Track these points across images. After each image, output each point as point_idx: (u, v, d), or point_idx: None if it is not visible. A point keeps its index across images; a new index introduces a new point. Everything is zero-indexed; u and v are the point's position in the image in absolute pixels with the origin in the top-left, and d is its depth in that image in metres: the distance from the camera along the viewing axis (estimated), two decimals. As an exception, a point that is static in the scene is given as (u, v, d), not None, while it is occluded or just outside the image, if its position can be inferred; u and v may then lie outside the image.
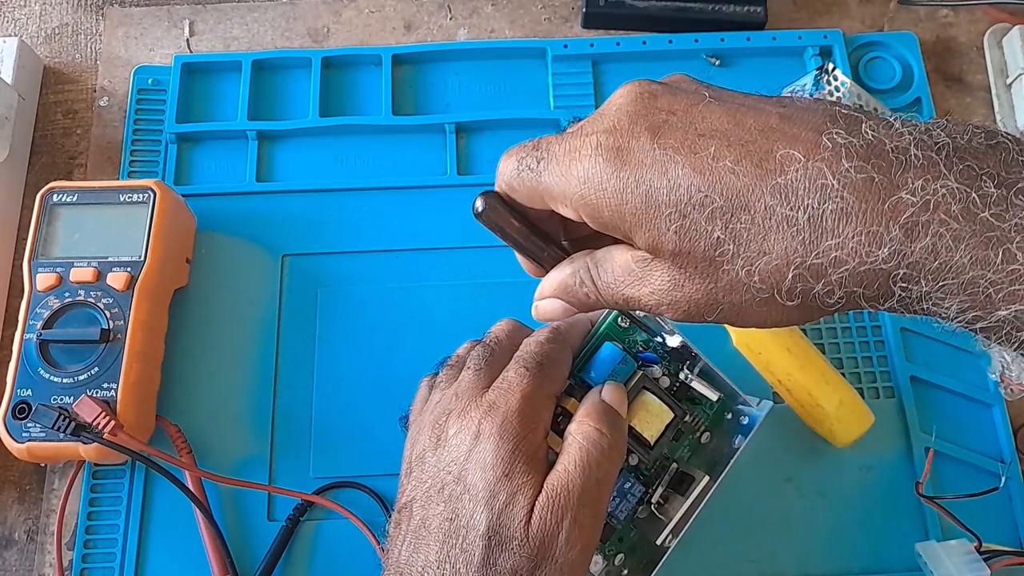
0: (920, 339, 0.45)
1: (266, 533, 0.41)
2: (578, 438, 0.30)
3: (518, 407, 0.30)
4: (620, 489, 0.34)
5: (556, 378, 0.32)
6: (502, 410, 0.30)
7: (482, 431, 0.30)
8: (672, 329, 0.36)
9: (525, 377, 0.31)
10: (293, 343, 0.45)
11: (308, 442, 0.43)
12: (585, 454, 0.29)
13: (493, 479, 0.29)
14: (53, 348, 0.40)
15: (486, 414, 0.30)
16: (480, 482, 0.29)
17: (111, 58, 0.53)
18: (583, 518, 0.28)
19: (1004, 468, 0.42)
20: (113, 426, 0.38)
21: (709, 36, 0.51)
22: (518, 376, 0.31)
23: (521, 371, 0.31)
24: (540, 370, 0.31)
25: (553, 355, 0.32)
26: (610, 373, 0.34)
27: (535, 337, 0.33)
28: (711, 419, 0.37)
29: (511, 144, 0.50)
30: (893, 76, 0.51)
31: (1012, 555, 0.39)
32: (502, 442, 0.29)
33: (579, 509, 0.28)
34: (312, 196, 0.48)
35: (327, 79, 0.51)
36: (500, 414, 0.30)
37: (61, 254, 0.42)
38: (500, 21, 0.54)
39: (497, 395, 0.31)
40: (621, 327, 0.36)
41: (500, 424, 0.30)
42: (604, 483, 0.30)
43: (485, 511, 0.28)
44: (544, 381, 0.31)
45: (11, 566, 0.42)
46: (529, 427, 0.30)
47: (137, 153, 0.49)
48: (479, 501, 0.28)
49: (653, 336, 0.37)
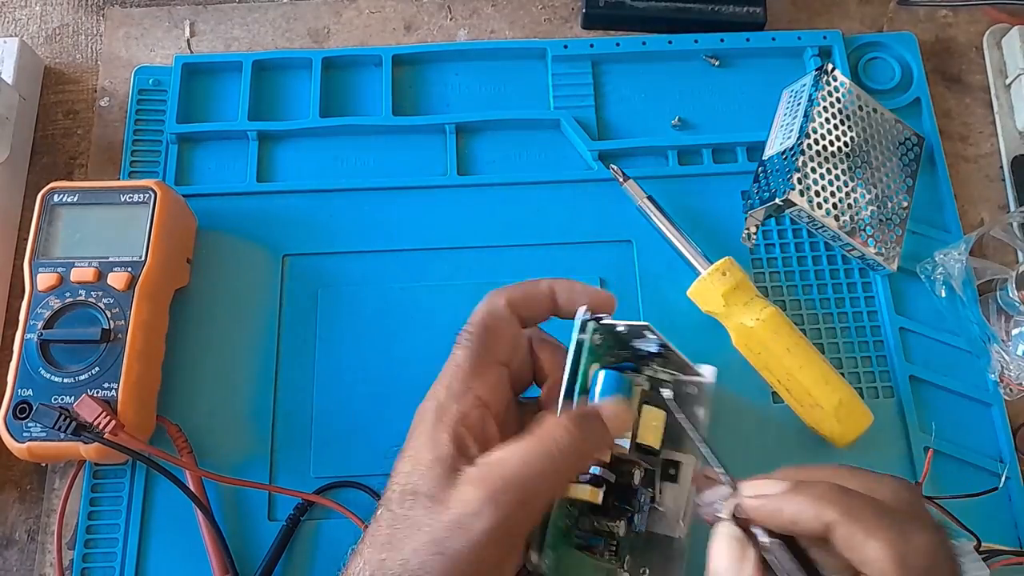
0: (919, 339, 0.45)
1: (266, 533, 0.41)
2: (541, 426, 0.31)
3: (447, 381, 0.32)
4: (640, 503, 0.34)
5: (492, 346, 0.33)
6: (438, 384, 0.33)
7: (426, 405, 0.32)
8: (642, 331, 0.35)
9: (458, 350, 0.33)
10: (293, 343, 0.45)
11: (308, 442, 0.43)
12: (535, 442, 0.30)
13: (420, 449, 0.31)
14: (54, 348, 0.40)
15: (433, 386, 0.33)
16: (406, 450, 0.31)
17: (112, 58, 0.53)
18: (504, 500, 0.28)
19: (1003, 468, 0.42)
20: (114, 426, 0.38)
21: (709, 37, 0.52)
22: (454, 350, 0.33)
23: (457, 346, 0.33)
24: (472, 341, 0.33)
25: (488, 322, 0.34)
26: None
27: (476, 309, 0.34)
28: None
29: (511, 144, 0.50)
30: (892, 77, 0.51)
31: (1011, 555, 0.39)
32: (430, 411, 0.32)
33: (503, 490, 0.28)
34: (313, 196, 0.48)
35: (327, 79, 0.51)
36: (436, 386, 0.33)
37: (62, 254, 0.42)
38: (500, 22, 0.54)
39: (444, 366, 0.33)
40: (596, 345, 0.35)
41: (433, 395, 0.32)
42: (544, 477, 0.30)
43: (404, 473, 0.30)
44: (478, 350, 0.33)
45: (12, 566, 0.42)
46: (454, 397, 0.32)
47: (138, 153, 0.49)
48: (403, 463, 0.31)
49: (625, 346, 0.36)
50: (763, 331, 0.42)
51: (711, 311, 0.44)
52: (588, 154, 0.49)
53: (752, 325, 0.42)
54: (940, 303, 0.46)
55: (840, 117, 0.46)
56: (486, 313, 0.34)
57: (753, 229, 0.46)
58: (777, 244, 0.48)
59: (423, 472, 0.30)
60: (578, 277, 0.46)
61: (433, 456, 0.30)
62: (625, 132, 0.50)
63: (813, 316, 0.46)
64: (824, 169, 0.44)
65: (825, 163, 0.45)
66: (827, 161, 0.45)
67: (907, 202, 0.47)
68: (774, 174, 0.45)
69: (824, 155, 0.45)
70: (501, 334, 0.34)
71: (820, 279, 0.47)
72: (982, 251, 0.48)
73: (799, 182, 0.43)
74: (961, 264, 0.44)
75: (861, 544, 0.26)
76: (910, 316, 0.46)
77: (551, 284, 0.35)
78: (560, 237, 0.47)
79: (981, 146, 0.51)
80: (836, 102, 0.46)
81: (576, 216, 0.48)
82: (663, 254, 0.46)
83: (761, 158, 0.48)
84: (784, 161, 0.45)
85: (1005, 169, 0.50)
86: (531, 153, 0.50)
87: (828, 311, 0.46)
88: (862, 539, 0.26)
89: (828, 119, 0.46)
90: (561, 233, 0.47)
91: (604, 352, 0.35)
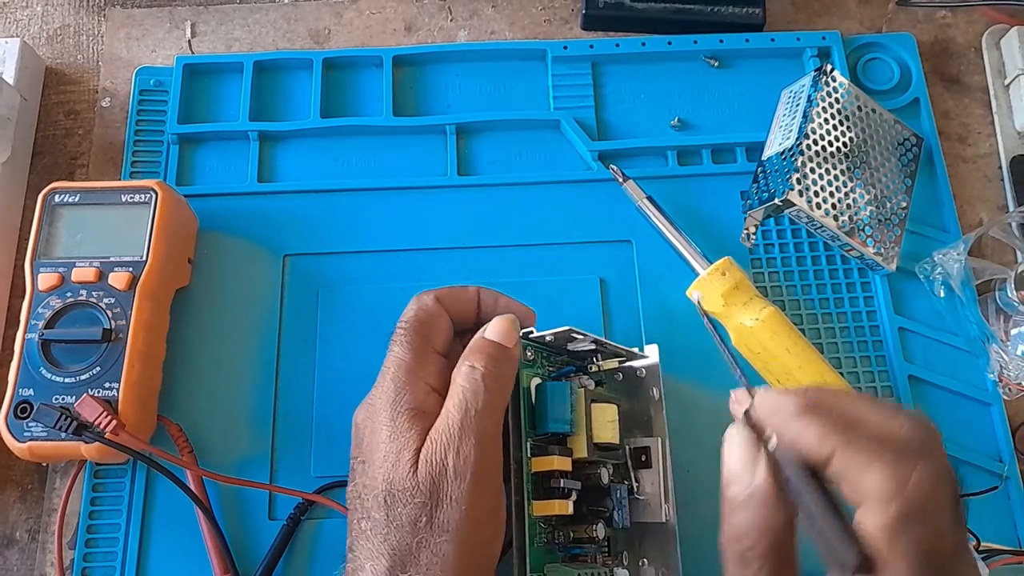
0: (918, 339, 0.45)
1: (267, 532, 0.41)
2: (456, 379, 0.32)
3: (391, 375, 0.33)
4: (616, 500, 0.34)
5: (429, 337, 0.35)
6: (383, 382, 0.33)
7: (374, 406, 0.33)
8: (569, 335, 0.36)
9: (395, 345, 0.34)
10: (294, 343, 0.45)
11: (309, 441, 0.43)
12: (459, 391, 0.32)
13: (383, 445, 0.31)
14: (55, 348, 0.40)
15: (373, 389, 0.34)
16: (373, 453, 0.32)
17: (113, 59, 0.53)
18: (465, 448, 0.30)
19: (1003, 468, 0.42)
20: (115, 425, 0.38)
21: (708, 38, 0.52)
22: (391, 348, 0.34)
23: (393, 344, 0.35)
24: (409, 334, 0.34)
25: (421, 316, 0.35)
26: (560, 405, 0.34)
27: (406, 309, 0.36)
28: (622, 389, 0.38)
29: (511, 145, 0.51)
30: (891, 77, 0.52)
31: (1011, 554, 0.39)
32: (383, 409, 0.32)
33: (460, 441, 0.30)
34: (313, 196, 0.48)
35: (328, 80, 0.51)
36: (380, 386, 0.33)
37: (63, 254, 0.42)
38: (500, 23, 0.54)
39: (381, 369, 0.34)
40: (530, 360, 0.36)
41: (381, 393, 0.33)
42: (485, 412, 0.31)
43: (380, 474, 0.31)
44: (417, 342, 0.34)
45: (12, 565, 0.42)
46: (404, 388, 0.32)
47: (139, 154, 0.49)
48: (375, 468, 0.31)
49: (561, 352, 0.37)
50: (762, 331, 0.42)
51: (711, 311, 0.44)
52: (588, 154, 0.49)
53: (751, 325, 0.42)
54: (939, 303, 0.46)
55: (839, 118, 0.46)
56: (418, 308, 0.35)
57: (752, 229, 0.46)
58: (776, 244, 0.48)
59: (395, 467, 0.31)
60: (578, 277, 0.46)
61: (399, 447, 0.31)
62: (625, 132, 0.50)
63: (812, 316, 0.46)
64: (823, 169, 0.45)
65: (824, 163, 0.45)
66: (826, 161, 0.45)
67: (906, 202, 0.47)
68: (773, 174, 0.45)
69: (823, 155, 0.45)
70: (435, 325, 0.35)
71: (819, 279, 0.47)
72: (981, 251, 0.48)
73: (798, 182, 0.44)
74: (960, 264, 0.44)
75: (858, 474, 0.25)
76: (909, 316, 0.46)
77: (477, 289, 0.37)
78: (560, 237, 0.47)
79: (980, 146, 0.51)
80: (835, 103, 0.46)
81: (576, 216, 0.48)
82: (663, 254, 0.46)
83: (760, 158, 0.48)
84: (783, 161, 0.45)
85: (1004, 169, 0.50)
86: (531, 153, 0.50)
87: (827, 311, 0.46)
88: (860, 470, 0.25)
89: (827, 120, 0.46)
90: (561, 233, 0.47)
91: (541, 364, 0.36)
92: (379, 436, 0.32)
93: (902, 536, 0.24)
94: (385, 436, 0.32)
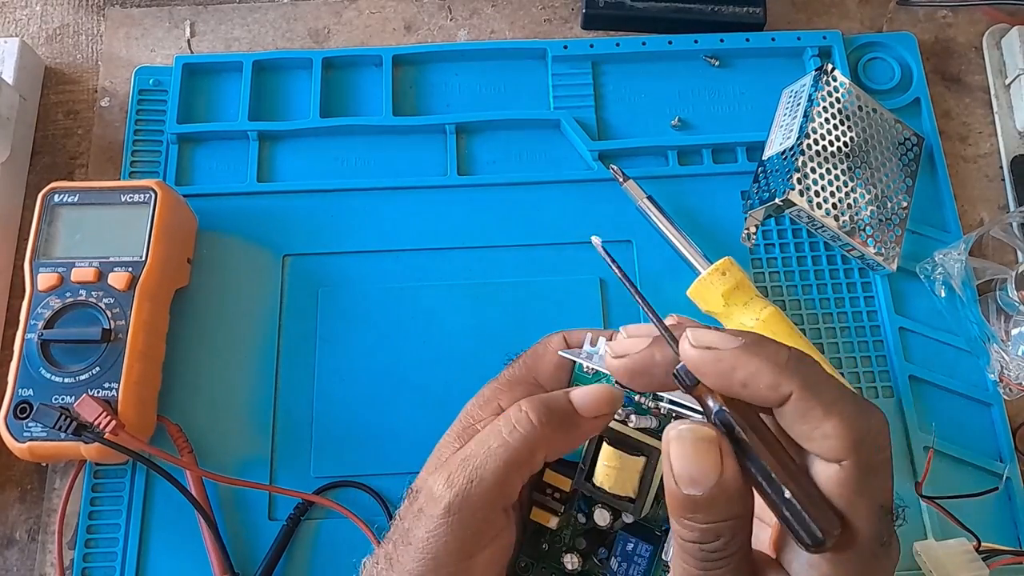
0: (919, 339, 0.45)
1: (267, 533, 0.41)
2: (508, 409, 0.30)
3: (480, 390, 0.32)
4: (623, 552, 0.32)
5: (534, 367, 0.33)
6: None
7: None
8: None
9: (505, 368, 0.33)
10: (294, 343, 0.45)
11: (309, 442, 0.43)
12: (495, 427, 0.29)
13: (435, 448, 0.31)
14: (54, 348, 0.40)
15: None
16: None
17: (112, 59, 0.53)
18: (457, 477, 0.28)
19: (1003, 468, 0.42)
20: (114, 426, 0.38)
21: (708, 37, 0.52)
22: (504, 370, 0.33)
23: (506, 367, 0.33)
24: (519, 360, 0.33)
25: (538, 348, 0.33)
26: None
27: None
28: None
29: (511, 144, 0.51)
30: (892, 77, 0.52)
31: (1011, 554, 0.39)
32: (457, 419, 0.32)
33: (456, 469, 0.28)
34: (313, 196, 0.48)
35: (328, 80, 0.51)
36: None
37: (62, 254, 0.42)
38: (500, 22, 0.54)
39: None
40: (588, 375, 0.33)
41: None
42: (498, 456, 0.28)
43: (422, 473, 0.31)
44: (518, 369, 0.33)
45: (12, 565, 0.42)
46: (476, 403, 0.32)
47: (138, 153, 0.49)
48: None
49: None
50: (763, 331, 0.42)
51: (711, 311, 0.44)
52: (588, 154, 0.49)
53: (752, 325, 0.42)
54: (940, 303, 0.46)
55: (840, 117, 0.46)
56: (539, 342, 0.34)
57: (753, 229, 0.46)
58: (777, 244, 0.48)
59: (429, 464, 0.30)
60: (578, 277, 0.46)
61: (442, 449, 0.30)
62: (625, 132, 0.50)
63: (813, 316, 0.46)
64: (824, 169, 0.44)
65: (825, 163, 0.45)
66: (827, 161, 0.45)
67: (907, 202, 0.47)
68: (774, 174, 0.45)
69: (824, 155, 0.45)
70: (546, 359, 0.33)
71: (820, 279, 0.47)
72: (982, 251, 0.48)
73: (799, 182, 0.44)
74: (961, 264, 0.44)
75: (819, 419, 0.23)
76: (910, 316, 0.46)
77: (612, 332, 0.32)
78: (560, 237, 0.47)
79: (981, 146, 0.51)
80: (836, 102, 0.46)
81: (576, 216, 0.48)
82: (663, 254, 0.46)
83: (761, 158, 0.48)
84: (784, 161, 0.45)
85: (1005, 169, 0.50)
86: (531, 153, 0.50)
87: (828, 311, 0.46)
88: (820, 414, 0.23)
89: (828, 119, 0.46)
90: (561, 233, 0.47)
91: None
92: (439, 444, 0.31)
93: (866, 488, 0.23)
94: (441, 439, 0.31)
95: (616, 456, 0.31)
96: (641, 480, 0.31)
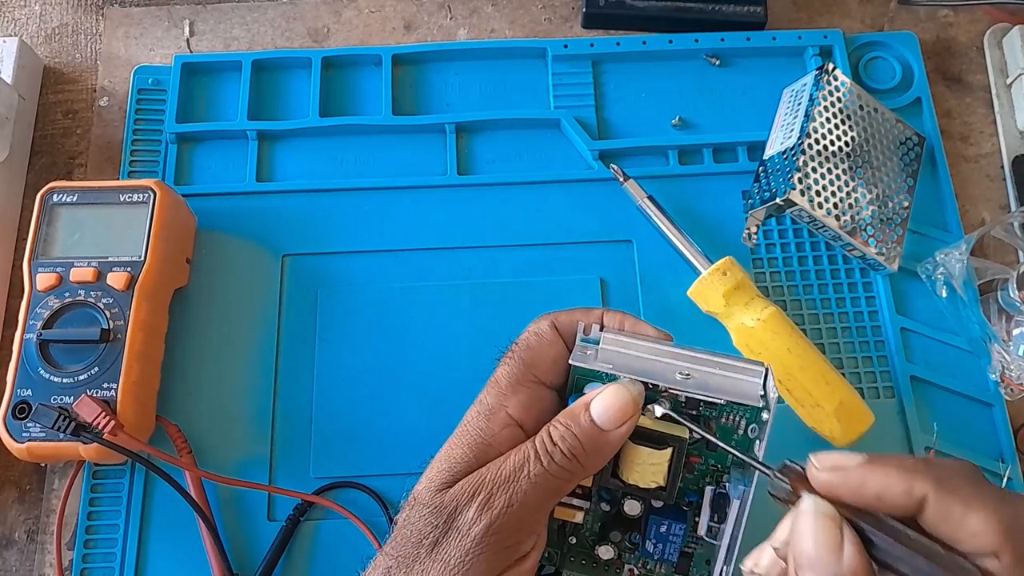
0: (920, 339, 0.45)
1: (266, 533, 0.41)
2: (539, 435, 0.30)
3: (481, 395, 0.32)
4: (658, 535, 0.32)
5: (532, 364, 0.32)
6: (477, 399, 0.32)
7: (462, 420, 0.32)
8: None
9: (499, 368, 0.33)
10: (293, 343, 0.45)
11: (308, 442, 0.43)
12: (528, 452, 0.30)
13: (439, 453, 0.31)
14: (53, 348, 0.40)
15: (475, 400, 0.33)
16: (435, 457, 0.31)
17: (111, 58, 0.53)
18: (496, 501, 0.29)
19: (1004, 468, 0.42)
20: (113, 426, 0.38)
21: (709, 36, 0.51)
22: (497, 367, 0.33)
23: (499, 364, 0.33)
24: (512, 359, 0.32)
25: (530, 341, 0.33)
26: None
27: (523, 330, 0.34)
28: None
29: (511, 144, 0.50)
30: (893, 76, 0.51)
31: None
32: (460, 424, 0.32)
33: (495, 491, 0.29)
34: (312, 196, 0.48)
35: (327, 79, 0.51)
36: (475, 401, 0.32)
37: (61, 254, 0.42)
38: (500, 21, 0.54)
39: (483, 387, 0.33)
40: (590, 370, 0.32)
41: (470, 410, 0.32)
42: (537, 485, 0.29)
43: (424, 476, 0.31)
44: (516, 368, 0.32)
45: (11, 566, 0.42)
46: (482, 412, 0.31)
47: (137, 153, 0.49)
48: (428, 469, 0.31)
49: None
50: (764, 331, 0.42)
51: (712, 311, 0.44)
52: (588, 154, 0.49)
53: (753, 325, 0.42)
54: (941, 303, 0.46)
55: (841, 117, 0.46)
56: (530, 332, 0.33)
57: (754, 229, 0.46)
58: (778, 244, 0.47)
59: (431, 478, 0.30)
60: (578, 277, 0.46)
61: (445, 463, 0.30)
62: (625, 132, 0.50)
63: (814, 316, 0.46)
64: (825, 169, 0.44)
65: (826, 163, 0.44)
66: (828, 161, 0.45)
67: (908, 202, 0.46)
68: (775, 174, 0.45)
69: (825, 155, 0.45)
70: (542, 353, 0.33)
71: (821, 279, 0.47)
72: (983, 251, 0.48)
73: (800, 182, 0.43)
74: (962, 264, 0.44)
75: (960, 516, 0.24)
76: (911, 316, 0.46)
77: (602, 312, 0.34)
78: (560, 237, 0.47)
79: (982, 146, 0.51)
80: (837, 102, 0.46)
81: (576, 216, 0.48)
82: (663, 254, 0.46)
83: (762, 158, 0.47)
84: (785, 161, 0.45)
85: (1006, 169, 0.50)
86: (531, 153, 0.50)
87: (829, 311, 0.46)
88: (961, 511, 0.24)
89: (829, 119, 0.45)
90: (561, 233, 0.47)
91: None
92: (441, 451, 0.31)
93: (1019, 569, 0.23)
94: (445, 447, 0.31)
95: (645, 453, 0.31)
96: (669, 468, 0.31)
